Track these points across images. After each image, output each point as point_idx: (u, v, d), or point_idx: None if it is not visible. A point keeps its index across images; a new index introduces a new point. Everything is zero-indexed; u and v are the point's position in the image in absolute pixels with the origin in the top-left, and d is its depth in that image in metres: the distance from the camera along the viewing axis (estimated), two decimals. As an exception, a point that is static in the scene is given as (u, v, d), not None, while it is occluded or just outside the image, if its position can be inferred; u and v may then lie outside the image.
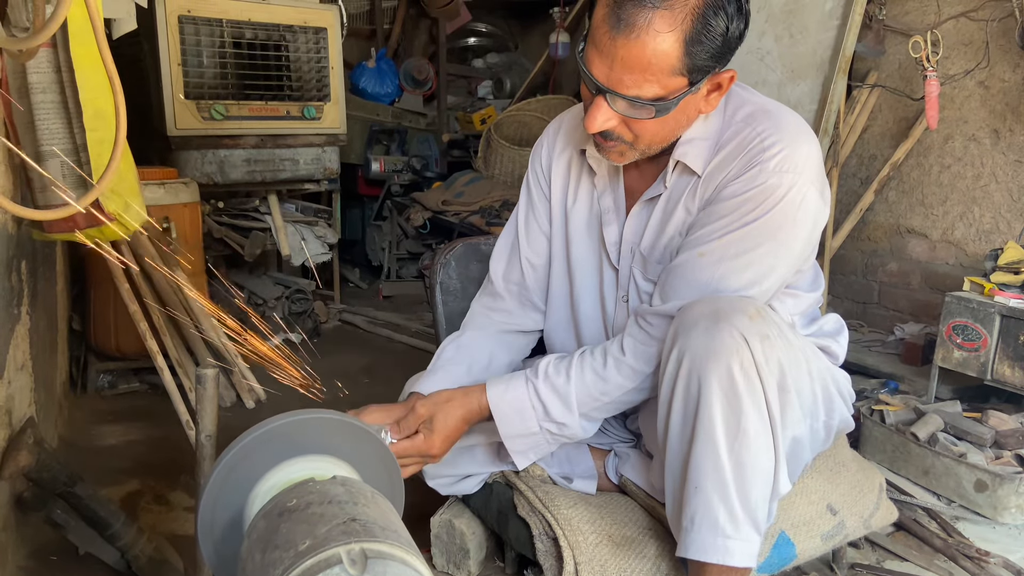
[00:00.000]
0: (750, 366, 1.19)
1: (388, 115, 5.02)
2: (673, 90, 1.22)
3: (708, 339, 1.19)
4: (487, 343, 1.58)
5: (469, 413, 1.39)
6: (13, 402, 1.64)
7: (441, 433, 1.36)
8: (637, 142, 1.31)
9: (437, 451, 1.37)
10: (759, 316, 1.21)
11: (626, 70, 1.19)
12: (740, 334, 1.18)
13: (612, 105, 1.25)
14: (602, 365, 1.35)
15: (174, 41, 3.22)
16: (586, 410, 1.37)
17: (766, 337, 1.20)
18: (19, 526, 1.63)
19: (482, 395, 1.39)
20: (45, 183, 1.70)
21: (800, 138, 1.31)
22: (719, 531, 1.22)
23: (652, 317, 1.33)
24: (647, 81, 1.20)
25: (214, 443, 1.29)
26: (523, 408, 1.37)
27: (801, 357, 1.32)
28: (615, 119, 1.27)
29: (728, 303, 1.23)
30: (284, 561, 0.85)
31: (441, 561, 1.66)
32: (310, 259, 3.72)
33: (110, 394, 2.81)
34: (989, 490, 1.99)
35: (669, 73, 1.19)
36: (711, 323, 1.20)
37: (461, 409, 1.38)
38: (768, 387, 1.20)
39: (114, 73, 1.28)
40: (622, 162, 1.38)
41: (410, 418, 1.37)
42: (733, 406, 1.19)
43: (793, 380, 1.26)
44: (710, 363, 1.19)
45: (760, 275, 1.31)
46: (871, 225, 3.35)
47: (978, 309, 2.34)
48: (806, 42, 3.16)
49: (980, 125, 2.91)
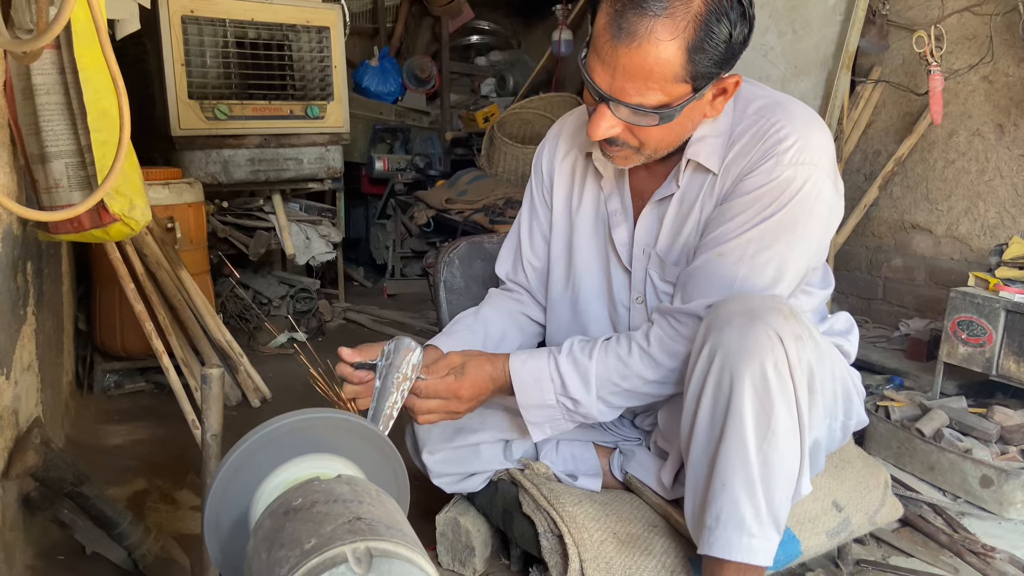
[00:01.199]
0: (783, 366, 1.18)
1: (391, 114, 5.02)
2: (677, 97, 1.22)
3: (742, 337, 1.19)
4: (502, 321, 1.60)
5: (495, 371, 1.38)
6: (20, 402, 1.65)
7: (471, 379, 1.35)
8: (643, 148, 1.31)
9: (464, 394, 1.35)
10: (792, 316, 1.21)
11: (628, 79, 1.19)
12: (776, 333, 1.18)
13: (615, 112, 1.24)
14: (627, 351, 1.34)
15: (177, 41, 3.22)
16: (604, 393, 1.36)
17: (799, 338, 1.19)
18: (26, 526, 1.64)
19: (506, 361, 1.39)
20: (50, 184, 1.71)
21: (813, 127, 1.31)
22: (745, 529, 1.22)
23: (680, 315, 1.32)
24: (650, 89, 1.20)
25: (219, 442, 1.30)
26: (542, 378, 1.37)
27: (827, 358, 1.32)
28: (619, 126, 1.27)
29: (762, 302, 1.23)
30: (290, 560, 0.86)
31: (447, 559, 1.66)
32: (314, 258, 3.73)
33: (116, 394, 2.82)
34: (995, 485, 1.99)
35: (672, 81, 1.19)
36: (745, 321, 1.19)
37: (489, 365, 1.38)
38: (799, 388, 1.20)
39: (118, 74, 1.29)
40: (627, 166, 1.38)
41: (441, 362, 1.37)
42: (765, 405, 1.19)
43: (820, 382, 1.26)
44: (744, 361, 1.18)
45: (781, 271, 1.30)
46: (875, 221, 3.35)
47: (983, 304, 2.34)
48: (809, 38, 3.15)
49: (984, 120, 2.90)
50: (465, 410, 1.39)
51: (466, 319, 1.58)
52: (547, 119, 4.47)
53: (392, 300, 4.40)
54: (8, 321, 1.58)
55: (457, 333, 1.53)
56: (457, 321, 1.57)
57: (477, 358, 1.39)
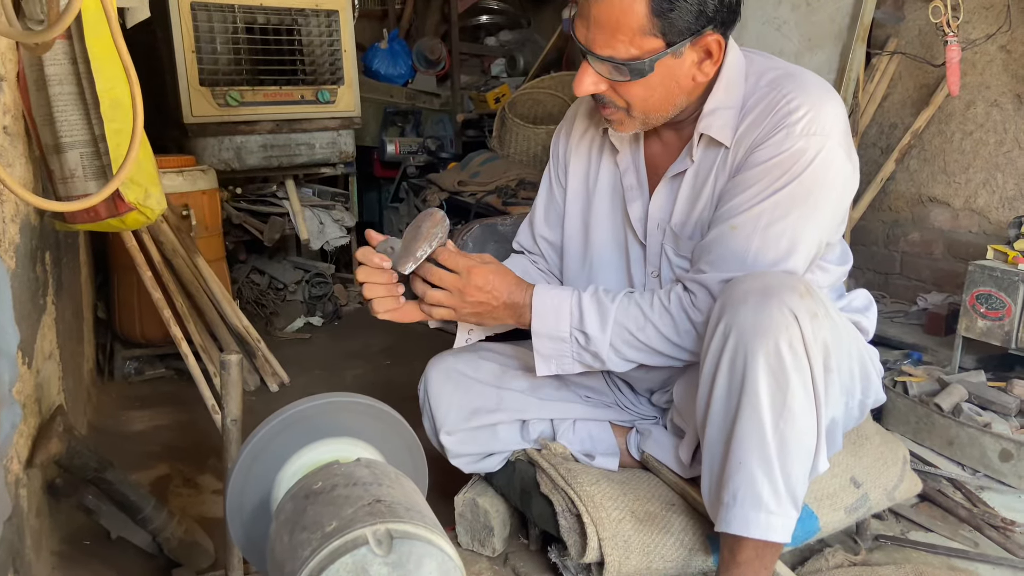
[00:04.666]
0: (799, 344, 1.18)
1: (402, 96, 5.01)
2: (648, 51, 1.24)
3: (757, 315, 1.18)
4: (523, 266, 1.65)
5: (517, 288, 1.37)
6: (42, 391, 1.67)
7: (489, 274, 1.34)
8: (631, 109, 1.33)
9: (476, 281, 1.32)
10: (808, 294, 1.20)
11: (599, 29, 1.24)
12: (790, 311, 1.17)
13: (594, 67, 1.29)
14: (648, 304, 1.35)
15: (187, 28, 3.23)
16: (617, 340, 1.35)
17: (815, 315, 1.19)
18: (52, 512, 1.67)
19: (530, 288, 1.39)
20: (65, 174, 1.72)
21: (825, 98, 1.30)
22: (762, 507, 1.22)
23: (694, 285, 1.32)
24: (619, 41, 1.24)
25: (239, 427, 1.31)
26: (560, 307, 1.37)
27: (844, 336, 1.32)
28: (602, 83, 1.31)
29: (777, 279, 1.22)
30: (312, 542, 0.87)
31: (466, 539, 1.67)
32: (328, 243, 3.74)
33: (136, 380, 2.86)
34: (1014, 459, 1.98)
35: (640, 33, 1.23)
36: (760, 299, 1.19)
37: (513, 278, 1.38)
38: (815, 365, 1.20)
39: (129, 63, 1.29)
40: (624, 131, 1.40)
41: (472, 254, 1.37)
42: (780, 383, 1.18)
43: (836, 359, 1.25)
44: (759, 339, 1.18)
45: (794, 243, 1.29)
46: (892, 195, 3.32)
47: (1002, 277, 2.31)
48: (823, 10, 3.11)
49: (1002, 90, 2.86)
50: (469, 311, 1.35)
51: None
52: (558, 98, 4.44)
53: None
54: (29, 311, 1.60)
55: None
56: None
57: (503, 266, 1.39)
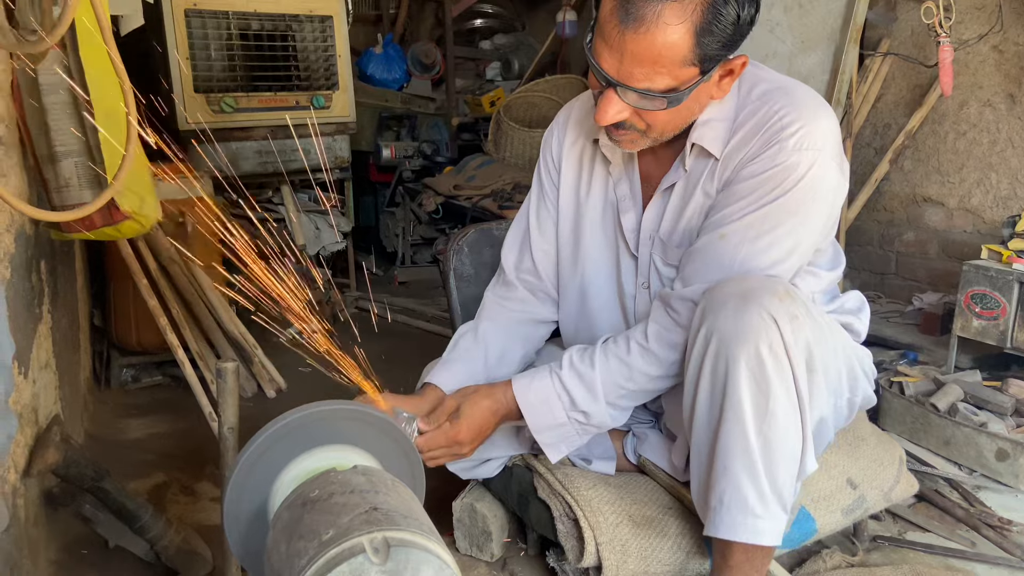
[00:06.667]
0: (779, 347, 1.18)
1: (397, 101, 5.01)
2: (685, 80, 1.21)
3: (736, 320, 1.19)
4: (500, 335, 1.57)
5: (496, 404, 1.39)
6: (39, 400, 1.67)
7: (468, 420, 1.36)
8: (650, 131, 1.31)
9: (464, 438, 1.36)
10: (788, 296, 1.21)
11: (636, 64, 1.19)
12: (769, 315, 1.18)
13: (623, 97, 1.24)
14: (626, 351, 1.34)
15: (181, 35, 3.23)
16: (612, 398, 1.36)
17: (795, 317, 1.20)
18: (49, 522, 1.67)
19: (508, 388, 1.39)
20: (60, 183, 1.72)
21: (818, 113, 1.30)
22: (748, 511, 1.23)
23: (676, 302, 1.32)
24: (658, 74, 1.19)
25: (236, 435, 1.31)
26: (549, 398, 1.37)
27: (828, 335, 1.32)
28: (627, 111, 1.26)
29: (757, 283, 1.23)
30: (308, 551, 0.87)
31: (464, 544, 1.67)
32: (325, 248, 3.74)
33: (133, 388, 2.85)
34: (1010, 458, 1.99)
35: (680, 64, 1.19)
36: (740, 303, 1.19)
37: (488, 399, 1.38)
38: (797, 368, 1.20)
39: (122, 71, 1.29)
40: (634, 149, 1.38)
41: (439, 411, 1.38)
42: (762, 388, 1.19)
43: (820, 360, 1.26)
44: (739, 344, 1.18)
45: (783, 254, 1.30)
46: (887, 195, 3.32)
47: (996, 277, 2.32)
48: (816, 11, 3.12)
49: (995, 90, 2.86)
50: (469, 450, 1.39)
51: (464, 341, 1.55)
52: (553, 102, 4.44)
53: (404, 288, 4.41)
54: (24, 320, 1.60)
55: (455, 362, 1.51)
56: (455, 345, 1.55)
57: (473, 396, 1.39)
